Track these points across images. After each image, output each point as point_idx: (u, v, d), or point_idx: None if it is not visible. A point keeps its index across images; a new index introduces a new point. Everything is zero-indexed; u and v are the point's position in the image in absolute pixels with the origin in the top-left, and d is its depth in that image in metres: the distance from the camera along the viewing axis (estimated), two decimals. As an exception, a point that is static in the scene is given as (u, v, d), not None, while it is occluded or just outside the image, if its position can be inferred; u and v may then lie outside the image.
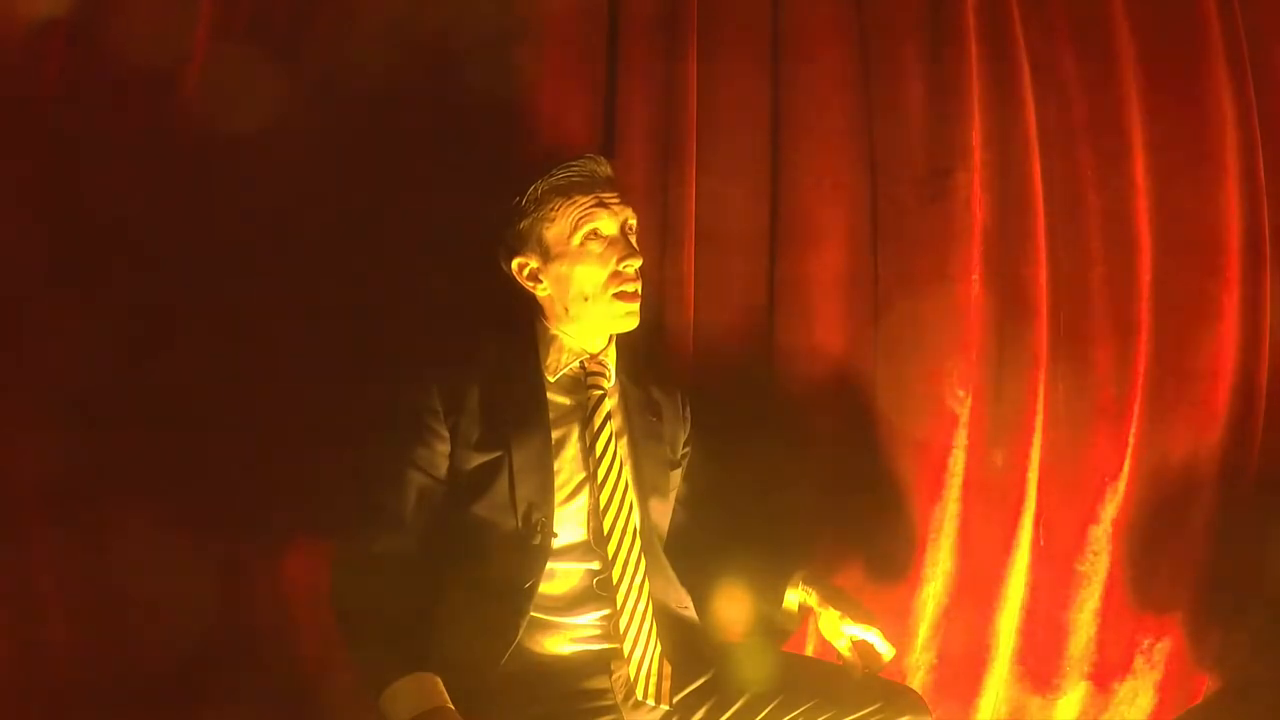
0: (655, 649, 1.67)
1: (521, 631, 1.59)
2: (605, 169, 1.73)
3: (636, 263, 1.69)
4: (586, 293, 1.68)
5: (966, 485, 2.13)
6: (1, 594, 1.81)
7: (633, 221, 1.73)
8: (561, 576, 1.65)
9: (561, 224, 1.68)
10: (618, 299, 1.68)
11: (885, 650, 1.72)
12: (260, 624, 1.90)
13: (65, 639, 1.84)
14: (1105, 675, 2.20)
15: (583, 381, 1.72)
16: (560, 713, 1.58)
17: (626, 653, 1.63)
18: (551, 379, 1.72)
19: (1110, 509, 2.18)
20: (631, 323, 1.71)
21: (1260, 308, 2.18)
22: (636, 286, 1.70)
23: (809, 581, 1.77)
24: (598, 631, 1.66)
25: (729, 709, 1.66)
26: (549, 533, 1.63)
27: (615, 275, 1.68)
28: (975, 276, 2.12)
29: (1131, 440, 2.17)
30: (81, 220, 1.86)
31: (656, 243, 2.04)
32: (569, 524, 1.66)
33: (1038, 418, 2.14)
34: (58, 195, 1.87)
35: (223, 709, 1.81)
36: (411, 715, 1.44)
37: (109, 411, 1.84)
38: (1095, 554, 2.18)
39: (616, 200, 1.71)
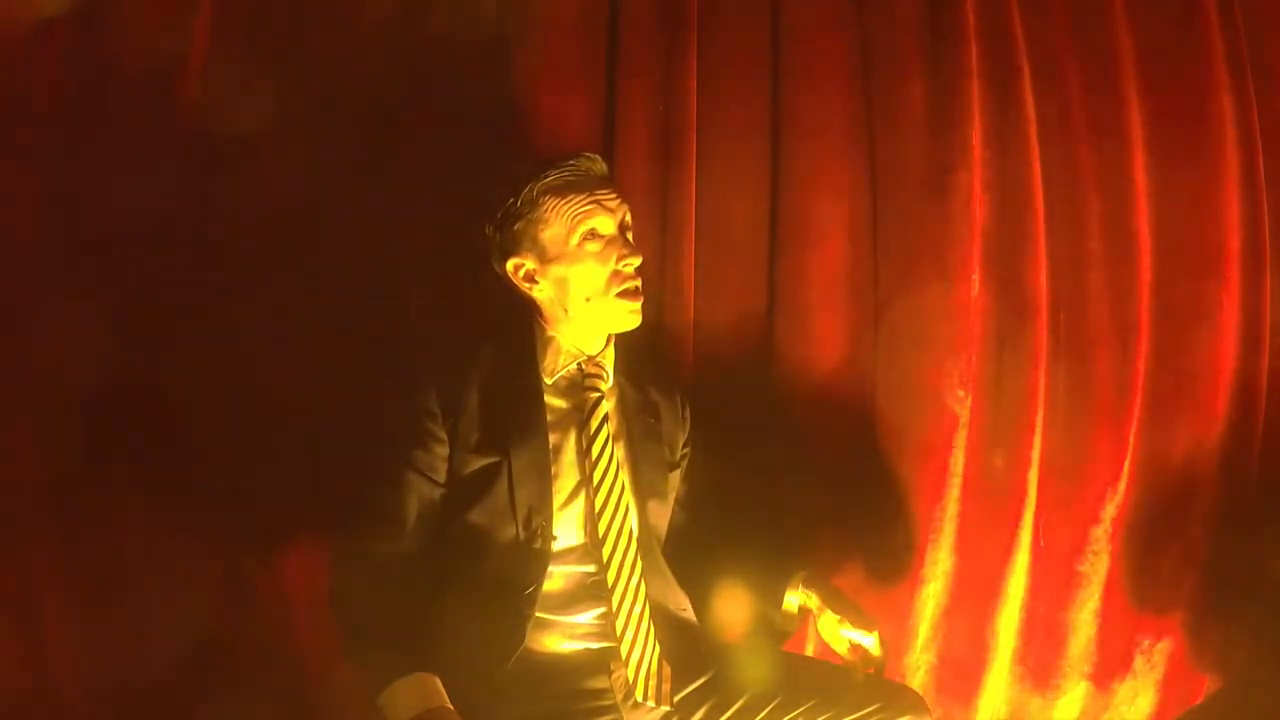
0: (654, 651, 1.66)
1: (527, 636, 1.59)
2: (600, 167, 1.71)
3: (636, 261, 1.68)
4: (588, 293, 1.67)
5: (966, 485, 2.13)
6: (2, 594, 1.81)
7: (629, 219, 1.72)
8: (559, 577, 1.65)
9: (558, 225, 1.66)
10: (621, 297, 1.67)
11: (873, 648, 1.70)
12: (260, 624, 1.91)
13: (65, 639, 1.84)
14: (1105, 675, 2.20)
15: (580, 383, 1.72)
16: (560, 712, 1.58)
17: (625, 655, 1.63)
18: (549, 381, 1.71)
19: (1110, 509, 2.17)
20: (634, 321, 1.71)
21: (1260, 308, 2.18)
22: (638, 284, 1.69)
23: (809, 583, 1.76)
24: (596, 629, 1.66)
25: (729, 709, 1.66)
26: (549, 537, 1.63)
27: (615, 275, 1.67)
28: (975, 276, 2.12)
29: (1131, 440, 2.17)
30: (81, 220, 1.87)
31: (656, 243, 2.04)
32: (567, 527, 1.66)
33: (1038, 418, 2.14)
34: (58, 195, 1.87)
35: (223, 709, 1.81)
36: (411, 715, 1.44)
37: (109, 411, 1.84)
38: (1095, 554, 2.18)
39: (613, 198, 1.70)
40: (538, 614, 1.62)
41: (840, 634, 1.72)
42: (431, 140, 1.98)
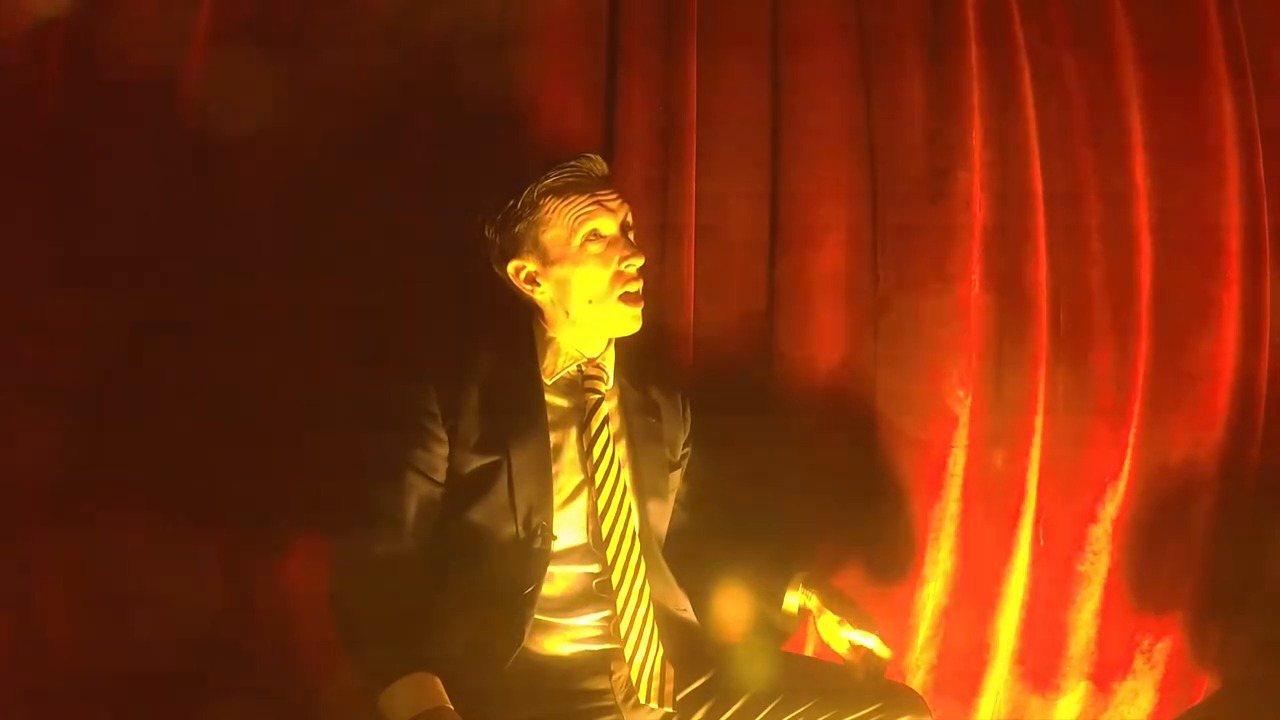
0: (657, 652, 1.66)
1: (527, 636, 1.59)
2: (601, 167, 1.70)
3: (639, 261, 1.68)
4: (590, 296, 1.67)
5: (966, 485, 2.13)
6: (1, 594, 1.81)
7: (631, 219, 1.72)
8: (560, 579, 1.65)
9: (559, 227, 1.66)
10: (623, 301, 1.67)
11: (874, 648, 1.70)
12: (260, 624, 1.91)
13: (66, 638, 1.84)
14: (1105, 675, 2.21)
15: (580, 384, 1.72)
16: (560, 713, 1.58)
17: (628, 656, 1.63)
18: (549, 382, 1.71)
19: (1110, 509, 2.18)
20: (635, 325, 1.70)
21: (1260, 308, 2.18)
22: (639, 286, 1.69)
23: (809, 584, 1.76)
24: (598, 632, 1.66)
25: (729, 709, 1.66)
26: (549, 537, 1.63)
27: (618, 276, 1.67)
28: (975, 276, 2.12)
29: (1131, 440, 2.17)
30: (81, 220, 1.87)
31: (656, 243, 2.04)
32: (568, 528, 1.66)
33: (1038, 418, 2.14)
34: (58, 195, 1.87)
35: (223, 709, 1.81)
36: (411, 715, 1.44)
37: (109, 411, 1.84)
38: (1095, 554, 2.18)
39: (614, 199, 1.69)
40: (540, 617, 1.62)
41: (840, 634, 1.72)
42: (431, 140, 1.98)
